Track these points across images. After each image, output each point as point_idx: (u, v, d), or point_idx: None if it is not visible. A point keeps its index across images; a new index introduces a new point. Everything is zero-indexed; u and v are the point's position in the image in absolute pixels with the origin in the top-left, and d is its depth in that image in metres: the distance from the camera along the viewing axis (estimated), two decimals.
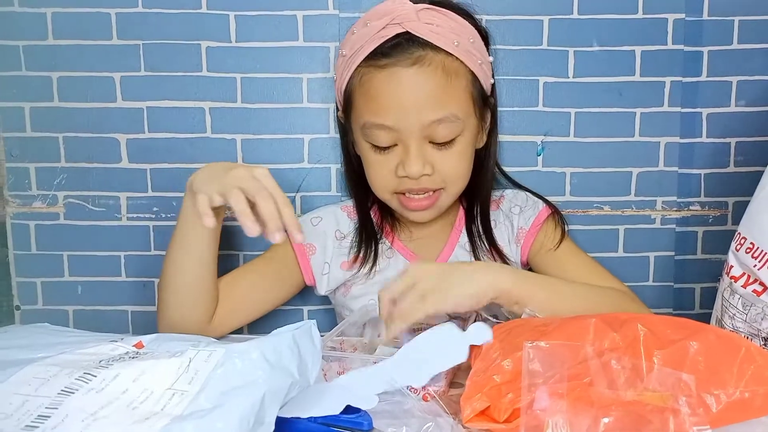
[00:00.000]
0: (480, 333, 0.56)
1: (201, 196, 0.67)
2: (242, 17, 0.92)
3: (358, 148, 0.82)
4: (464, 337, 0.56)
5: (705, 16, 0.93)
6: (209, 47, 0.93)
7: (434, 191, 0.79)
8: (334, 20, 0.93)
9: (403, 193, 0.79)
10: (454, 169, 0.78)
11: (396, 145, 0.77)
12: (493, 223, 0.85)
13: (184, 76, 0.93)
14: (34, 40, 0.92)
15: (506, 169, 0.94)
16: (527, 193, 0.90)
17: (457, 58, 0.76)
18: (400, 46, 0.75)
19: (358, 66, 0.77)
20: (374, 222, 0.86)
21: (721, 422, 0.49)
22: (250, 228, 0.64)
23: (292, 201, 0.96)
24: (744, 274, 0.66)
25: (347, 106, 0.81)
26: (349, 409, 0.53)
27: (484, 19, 0.92)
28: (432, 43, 0.75)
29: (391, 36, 0.75)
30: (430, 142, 0.77)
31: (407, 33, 0.75)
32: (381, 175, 0.79)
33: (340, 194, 0.95)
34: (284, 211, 0.65)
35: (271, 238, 0.64)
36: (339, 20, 0.93)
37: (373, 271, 0.84)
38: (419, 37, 0.75)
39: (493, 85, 0.86)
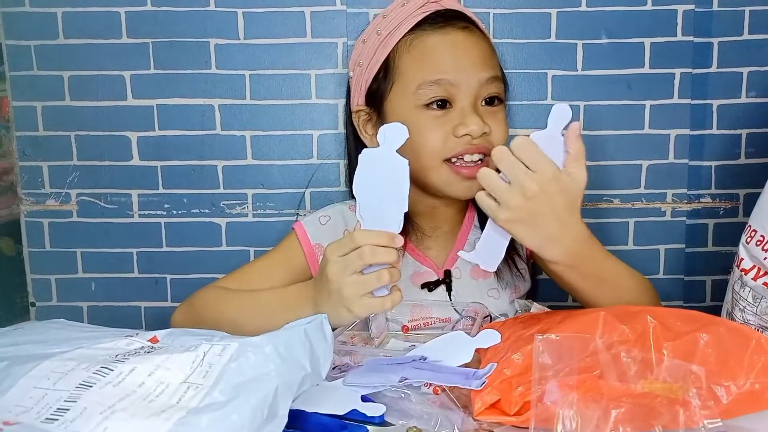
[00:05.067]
0: (488, 338, 0.57)
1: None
2: (250, 14, 0.93)
3: (406, 119, 0.75)
4: (473, 342, 0.57)
5: (715, 7, 0.92)
6: (218, 44, 0.93)
7: (483, 158, 0.77)
8: (342, 16, 0.93)
9: (454, 162, 0.77)
10: (503, 131, 0.78)
11: (451, 107, 0.77)
12: None
13: (193, 74, 0.94)
14: (45, 40, 0.93)
15: None
16: None
17: (490, 43, 0.82)
18: (447, 15, 0.79)
19: (402, 38, 0.79)
20: None
21: (731, 414, 0.49)
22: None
23: (302, 197, 0.97)
24: (754, 266, 0.66)
25: (385, 86, 0.80)
26: (355, 412, 0.53)
27: (491, 12, 0.92)
28: (474, 21, 0.81)
29: (432, 12, 0.79)
30: (481, 104, 0.77)
31: (451, 10, 0.79)
32: (436, 138, 0.76)
33: (349, 189, 0.96)
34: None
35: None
36: (347, 16, 0.93)
37: None
38: (463, 13, 0.80)
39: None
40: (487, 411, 0.52)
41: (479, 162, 0.77)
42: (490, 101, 0.78)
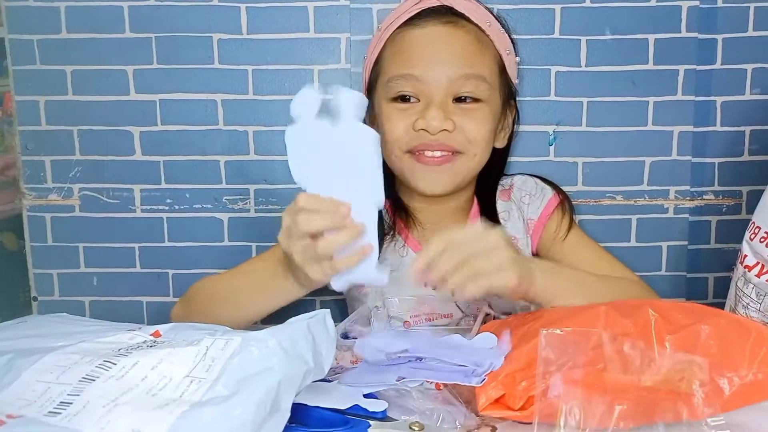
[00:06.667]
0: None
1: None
2: (253, 9, 0.93)
3: (378, 115, 0.80)
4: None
5: (719, 3, 0.92)
6: (221, 39, 0.93)
7: (452, 153, 0.76)
8: (345, 11, 0.93)
9: (417, 153, 0.77)
10: (476, 130, 0.76)
11: (419, 100, 0.77)
12: (506, 215, 0.85)
13: (196, 69, 0.94)
14: (48, 34, 0.93)
15: (518, 159, 0.94)
16: (535, 179, 0.88)
17: (488, 35, 0.79)
18: (438, 11, 0.78)
19: (392, 33, 0.79)
20: (388, 219, 0.84)
21: (734, 404, 0.49)
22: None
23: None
24: (758, 263, 0.66)
25: (374, 78, 0.81)
26: (356, 407, 0.53)
27: (495, 8, 0.92)
28: (467, 16, 0.78)
29: (427, 7, 0.78)
30: (454, 101, 0.76)
31: (444, 6, 0.78)
32: (397, 128, 0.76)
33: None
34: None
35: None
36: (350, 11, 0.93)
37: None
38: (456, 9, 0.78)
39: (516, 92, 0.87)
40: (491, 406, 0.52)
41: (450, 154, 0.77)
42: (464, 98, 0.77)
